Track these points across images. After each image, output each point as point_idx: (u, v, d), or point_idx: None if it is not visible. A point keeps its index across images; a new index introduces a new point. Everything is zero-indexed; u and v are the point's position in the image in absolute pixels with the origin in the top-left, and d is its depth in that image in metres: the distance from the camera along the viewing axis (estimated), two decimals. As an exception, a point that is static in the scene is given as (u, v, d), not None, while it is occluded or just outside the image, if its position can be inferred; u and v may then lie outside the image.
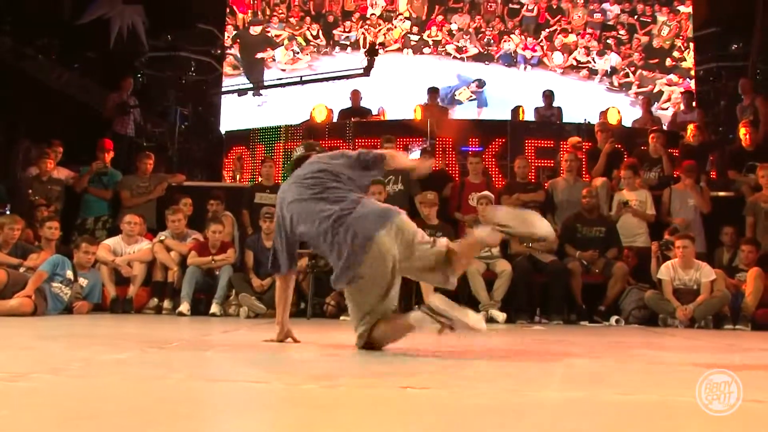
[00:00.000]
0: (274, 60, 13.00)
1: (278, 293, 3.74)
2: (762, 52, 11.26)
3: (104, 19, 11.13)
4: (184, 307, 6.38)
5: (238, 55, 13.10)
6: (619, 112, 10.24)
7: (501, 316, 6.35)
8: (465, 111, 12.28)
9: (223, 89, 12.82)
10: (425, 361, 2.93)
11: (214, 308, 6.48)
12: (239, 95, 12.43)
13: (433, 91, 10.53)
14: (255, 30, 13.16)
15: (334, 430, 1.60)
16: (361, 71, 11.38)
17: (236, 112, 12.52)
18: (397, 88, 12.16)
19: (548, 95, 10.44)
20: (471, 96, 12.50)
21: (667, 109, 11.37)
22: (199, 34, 12.69)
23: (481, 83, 12.66)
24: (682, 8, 12.74)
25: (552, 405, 1.99)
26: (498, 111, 10.39)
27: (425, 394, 2.05)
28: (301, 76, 12.41)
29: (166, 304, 6.66)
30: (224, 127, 12.10)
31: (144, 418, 1.61)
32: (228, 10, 13.13)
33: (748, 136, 8.06)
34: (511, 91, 11.82)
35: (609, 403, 2.00)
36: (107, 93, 10.00)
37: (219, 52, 12.94)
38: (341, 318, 6.35)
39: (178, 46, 12.43)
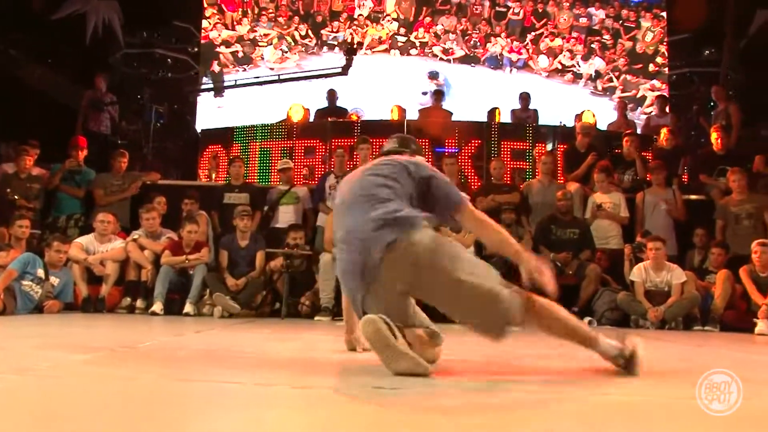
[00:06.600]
0: (262, 58, 12.94)
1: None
2: (733, 59, 11.47)
3: (79, 15, 10.99)
4: (158, 306, 6.33)
5: (230, 54, 12.98)
6: (594, 115, 10.36)
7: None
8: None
9: (201, 87, 12.71)
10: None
11: (188, 308, 6.44)
12: (215, 95, 12.34)
13: (437, 94, 10.57)
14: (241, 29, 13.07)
15: (305, 429, 1.60)
16: (339, 70, 11.38)
17: (212, 111, 12.43)
18: (375, 88, 12.17)
19: (525, 97, 10.51)
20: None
21: (650, 113, 11.50)
22: (175, 31, 12.59)
23: (433, 74, 12.68)
24: (665, 14, 12.89)
25: (521, 405, 2.02)
26: (480, 113, 10.42)
27: (395, 394, 2.06)
28: (279, 74, 12.36)
29: (139, 303, 6.59)
30: (200, 125, 12.00)
31: (114, 419, 1.60)
32: (216, 9, 13.03)
33: (719, 140, 8.19)
34: (496, 94, 11.83)
35: (578, 403, 2.03)
36: (81, 89, 9.86)
37: (196, 50, 12.84)
38: (316, 318, 6.35)
39: (154, 43, 12.32)
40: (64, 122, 9.63)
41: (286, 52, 12.98)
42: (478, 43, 13.02)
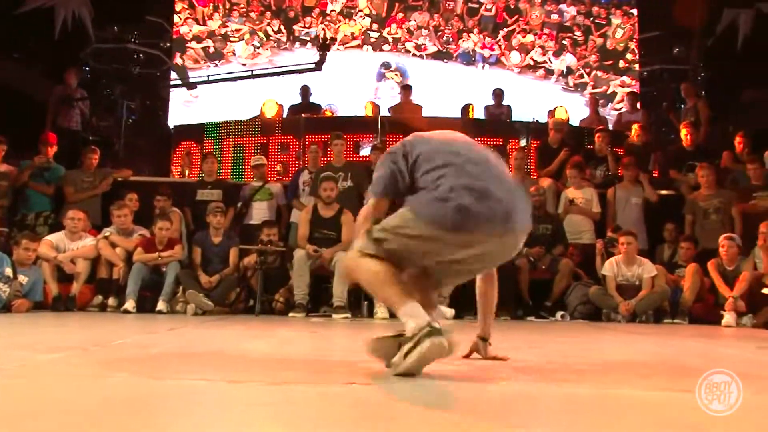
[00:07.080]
0: (234, 54, 12.83)
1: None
2: (702, 57, 11.65)
3: (47, 8, 10.78)
4: (130, 304, 6.27)
5: (201, 50, 12.83)
6: (566, 111, 10.46)
7: (449, 311, 6.40)
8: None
9: (172, 83, 12.56)
10: (371, 358, 2.94)
11: (161, 305, 6.38)
12: (188, 89, 12.22)
13: (406, 89, 10.58)
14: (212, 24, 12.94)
15: (276, 426, 1.60)
16: (313, 66, 11.35)
17: (185, 107, 12.31)
18: (348, 84, 12.14)
19: (498, 93, 10.58)
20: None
21: (620, 110, 11.64)
22: (147, 26, 12.42)
23: (386, 65, 12.70)
24: (635, 11, 13.04)
25: (497, 399, 2.04)
26: (453, 109, 10.44)
27: (368, 389, 2.07)
28: (251, 70, 12.28)
29: (111, 301, 6.53)
30: (172, 121, 11.88)
31: (86, 418, 1.59)
32: (187, 3, 12.87)
33: (689, 137, 8.34)
34: (469, 90, 11.85)
35: (552, 397, 2.06)
36: (50, 84, 9.69)
37: (168, 45, 12.68)
38: (290, 314, 6.34)
39: (126, 38, 12.13)
40: (33, 118, 9.44)
41: (258, 48, 12.89)
42: (451, 39, 13.06)
